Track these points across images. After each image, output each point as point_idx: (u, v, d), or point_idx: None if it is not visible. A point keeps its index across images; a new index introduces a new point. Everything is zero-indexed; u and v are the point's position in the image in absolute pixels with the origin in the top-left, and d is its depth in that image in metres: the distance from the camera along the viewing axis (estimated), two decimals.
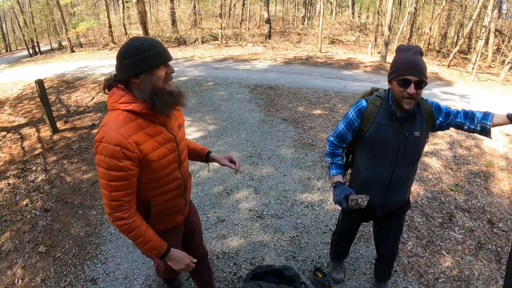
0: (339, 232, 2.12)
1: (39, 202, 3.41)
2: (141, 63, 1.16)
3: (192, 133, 4.83)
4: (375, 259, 2.12)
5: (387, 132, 1.55)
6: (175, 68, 1.30)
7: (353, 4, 22.15)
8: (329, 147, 1.80)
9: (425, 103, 1.58)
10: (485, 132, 1.57)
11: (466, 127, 1.61)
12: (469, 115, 1.59)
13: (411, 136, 1.54)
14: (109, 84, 1.25)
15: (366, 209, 1.64)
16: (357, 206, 1.55)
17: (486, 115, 1.56)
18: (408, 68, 1.40)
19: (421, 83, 1.40)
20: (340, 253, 2.26)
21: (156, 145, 1.26)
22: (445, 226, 2.93)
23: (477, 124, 1.57)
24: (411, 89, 1.38)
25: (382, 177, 1.63)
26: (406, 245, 2.67)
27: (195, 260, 1.46)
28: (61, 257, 2.63)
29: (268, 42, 15.93)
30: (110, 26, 17.74)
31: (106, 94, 1.26)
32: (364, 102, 1.61)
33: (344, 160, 1.84)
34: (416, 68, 1.39)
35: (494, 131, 1.64)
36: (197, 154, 1.70)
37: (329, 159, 1.80)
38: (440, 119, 1.60)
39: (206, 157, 1.68)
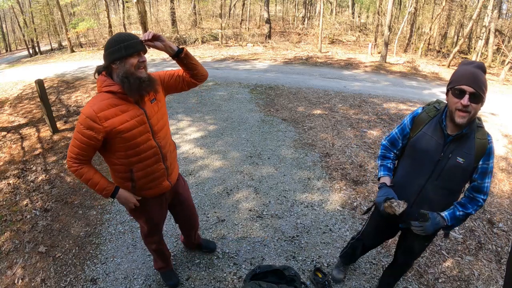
0: (358, 240, 2.08)
1: (39, 202, 3.41)
2: (117, 52, 1.44)
3: (192, 133, 4.83)
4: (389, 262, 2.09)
5: (430, 145, 1.50)
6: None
7: (353, 4, 22.14)
8: (381, 150, 1.79)
9: (485, 134, 1.45)
10: (449, 212, 1.55)
11: (465, 193, 1.57)
12: (469, 206, 1.53)
13: (453, 160, 1.44)
14: (99, 70, 1.56)
15: (390, 218, 1.63)
16: (391, 211, 1.48)
17: (455, 219, 1.53)
18: (464, 78, 1.35)
19: (477, 96, 1.33)
20: (350, 257, 2.23)
21: (125, 119, 1.52)
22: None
23: (465, 200, 1.54)
24: (465, 100, 1.32)
25: (412, 189, 1.59)
26: None
27: (137, 203, 1.74)
28: (61, 257, 2.63)
29: (268, 42, 15.92)
30: (110, 26, 17.72)
31: (95, 78, 1.57)
32: (420, 110, 1.60)
33: (394, 165, 1.80)
34: (473, 79, 1.33)
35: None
36: (179, 64, 1.71)
37: (379, 161, 1.77)
38: (480, 166, 1.46)
39: (175, 56, 1.65)
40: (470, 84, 1.33)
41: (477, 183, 1.48)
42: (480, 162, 1.45)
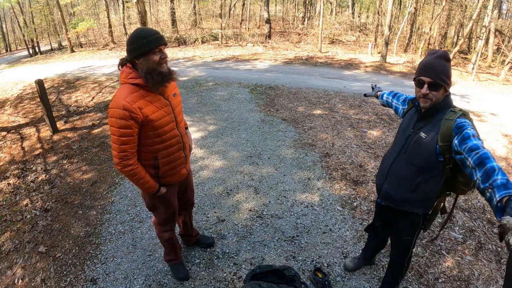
0: (368, 226, 2.18)
1: (39, 202, 3.41)
2: (140, 48, 1.53)
3: (192, 133, 4.82)
4: None
5: (408, 122, 1.68)
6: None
7: (353, 4, 22.13)
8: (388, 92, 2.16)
9: (452, 115, 1.44)
10: (490, 203, 1.10)
11: (474, 178, 1.21)
12: (487, 169, 1.16)
13: (417, 135, 1.57)
14: (122, 62, 1.65)
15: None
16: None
17: (506, 187, 1.07)
18: (423, 70, 1.48)
19: (435, 85, 1.45)
20: (365, 248, 2.35)
21: (155, 108, 1.65)
22: (445, 226, 2.93)
23: (488, 188, 1.12)
24: (424, 89, 1.46)
25: (387, 162, 1.76)
26: None
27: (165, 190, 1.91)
28: (61, 257, 2.63)
29: (268, 42, 15.92)
30: (110, 26, 17.73)
31: (119, 70, 1.65)
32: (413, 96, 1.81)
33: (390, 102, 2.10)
34: (431, 70, 1.44)
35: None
36: None
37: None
38: (456, 142, 1.36)
39: None
40: (428, 74, 1.45)
41: (469, 148, 1.28)
42: (454, 135, 1.38)
